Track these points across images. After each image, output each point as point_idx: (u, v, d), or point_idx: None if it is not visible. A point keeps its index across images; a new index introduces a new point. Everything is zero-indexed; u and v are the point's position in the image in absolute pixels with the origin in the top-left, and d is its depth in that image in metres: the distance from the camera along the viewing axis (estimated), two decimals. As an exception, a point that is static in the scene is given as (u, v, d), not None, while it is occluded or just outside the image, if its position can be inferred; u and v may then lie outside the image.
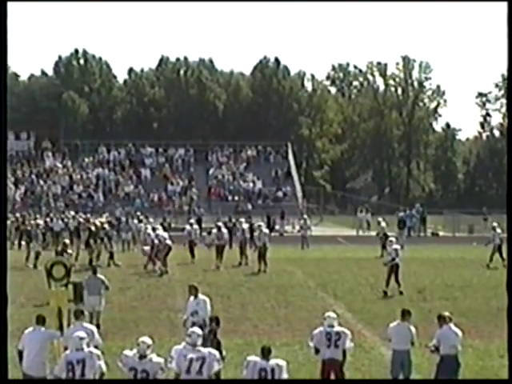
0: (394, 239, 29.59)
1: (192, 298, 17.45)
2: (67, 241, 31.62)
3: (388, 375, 14.95)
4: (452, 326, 14.42)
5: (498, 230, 37.91)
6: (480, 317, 23.36)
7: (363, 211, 61.21)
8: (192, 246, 37.40)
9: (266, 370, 11.90)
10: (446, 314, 14.79)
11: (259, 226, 36.93)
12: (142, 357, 12.29)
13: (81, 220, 46.01)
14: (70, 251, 29.51)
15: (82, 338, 12.63)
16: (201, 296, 17.57)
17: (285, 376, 12.05)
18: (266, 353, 12.16)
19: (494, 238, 37.31)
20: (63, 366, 12.43)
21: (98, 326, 21.04)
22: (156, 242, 33.68)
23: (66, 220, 48.04)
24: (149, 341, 12.50)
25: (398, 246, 28.35)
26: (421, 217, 58.00)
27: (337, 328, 14.42)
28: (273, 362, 12.04)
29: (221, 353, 13.27)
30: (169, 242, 33.77)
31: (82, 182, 65.28)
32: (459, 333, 14.40)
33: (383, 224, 42.81)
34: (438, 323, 14.55)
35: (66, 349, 14.04)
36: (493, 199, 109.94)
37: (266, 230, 36.38)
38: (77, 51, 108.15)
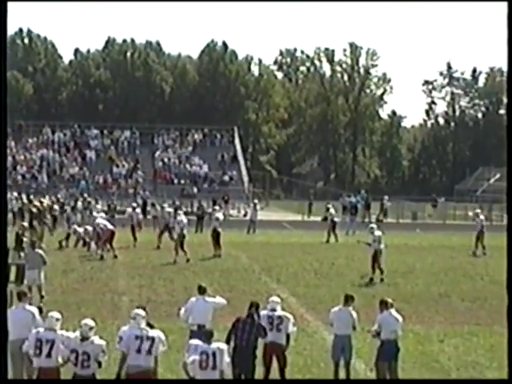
0: (374, 225, 29.46)
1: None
2: (25, 224, 31.03)
3: (330, 359, 15.07)
4: (393, 311, 14.56)
5: (481, 217, 38.29)
6: (421, 302, 23.63)
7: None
8: (134, 229, 37.22)
9: (207, 353, 11.95)
10: (389, 300, 14.93)
11: (214, 210, 37.20)
12: (84, 339, 12.28)
13: (25, 201, 45.65)
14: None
15: (57, 319, 12.65)
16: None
17: (226, 359, 12.10)
18: (207, 336, 12.20)
19: (476, 224, 37.69)
20: (32, 342, 12.45)
21: (41, 297, 21.12)
22: (98, 230, 33.11)
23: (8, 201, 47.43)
24: (91, 323, 12.47)
25: (379, 233, 28.41)
26: (365, 203, 58.41)
27: (279, 312, 14.48)
28: (214, 345, 12.08)
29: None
30: (110, 226, 33.44)
31: (26, 162, 64.54)
32: (400, 318, 14.56)
33: (332, 210, 43.05)
34: (379, 308, 14.69)
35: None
36: (436, 186, 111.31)
37: (220, 215, 35.95)
38: (21, 30, 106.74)
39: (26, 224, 30.76)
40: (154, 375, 12.41)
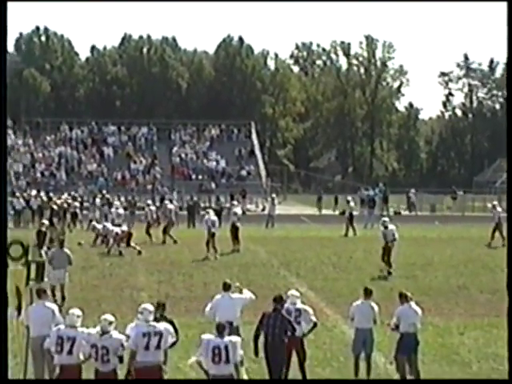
0: (387, 219, 29.45)
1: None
2: (46, 221, 31.14)
3: (349, 353, 15.06)
4: (412, 304, 14.53)
5: (499, 209, 38.15)
6: (440, 295, 23.56)
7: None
8: (149, 225, 37.37)
9: (219, 348, 11.94)
10: (407, 293, 14.91)
11: (232, 205, 37.24)
12: (104, 333, 12.35)
13: (44, 199, 45.96)
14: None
15: (78, 316, 12.71)
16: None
17: (239, 352, 12.10)
18: (220, 330, 12.19)
19: (494, 216, 37.58)
20: (54, 340, 12.49)
21: (63, 298, 21.13)
22: (118, 231, 33.06)
23: (27, 198, 47.67)
24: (111, 318, 12.53)
25: (393, 227, 28.41)
26: (384, 196, 58.28)
27: (298, 305, 14.49)
28: (226, 339, 12.08)
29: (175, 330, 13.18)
30: (125, 228, 33.51)
31: (44, 160, 64.75)
32: (419, 311, 14.53)
33: (352, 204, 43.02)
34: (399, 301, 14.66)
35: (27, 328, 13.98)
36: (455, 178, 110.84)
37: (238, 210, 36.03)
38: (38, 28, 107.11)
39: (46, 222, 30.90)
40: (165, 368, 12.42)
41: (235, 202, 40.54)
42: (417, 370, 14.31)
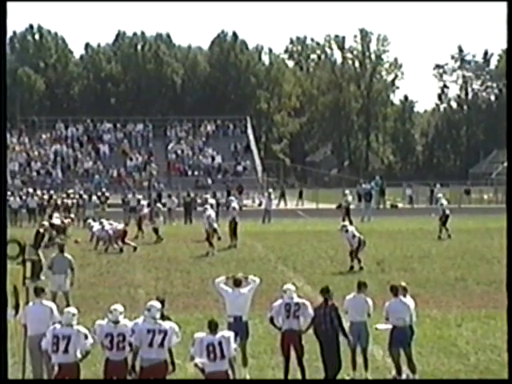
0: (346, 223, 29.40)
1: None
2: (46, 222, 31.05)
3: (346, 346, 15.07)
4: (402, 298, 14.52)
5: (443, 201, 38.36)
6: (437, 287, 23.58)
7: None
8: (140, 221, 37.46)
9: (213, 345, 11.97)
10: (403, 283, 14.92)
11: (230, 200, 37.11)
12: (116, 322, 12.52)
13: (45, 197, 46.24)
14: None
15: (73, 315, 12.71)
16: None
17: (233, 346, 12.13)
18: (213, 327, 12.20)
19: (439, 209, 37.80)
20: (49, 339, 12.51)
21: (68, 306, 20.60)
22: (111, 233, 33.00)
23: (24, 197, 47.67)
24: (121, 308, 12.76)
25: (353, 228, 28.41)
26: (380, 189, 58.29)
27: (296, 299, 14.50)
28: (219, 335, 12.10)
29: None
30: (120, 227, 33.49)
31: (40, 158, 64.72)
32: (411, 304, 14.51)
33: (349, 198, 43.01)
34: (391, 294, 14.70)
35: (24, 326, 13.98)
36: (451, 170, 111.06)
37: (236, 205, 36.08)
38: (32, 27, 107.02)
39: (46, 223, 30.89)
40: (169, 367, 12.44)
41: (232, 198, 40.54)
42: (412, 362, 14.31)
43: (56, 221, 34.41)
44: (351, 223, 40.72)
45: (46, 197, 47.43)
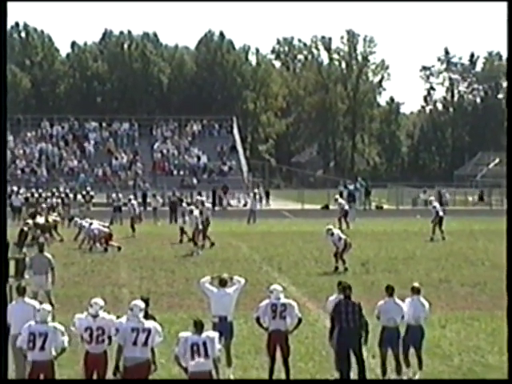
0: (331, 226, 29.20)
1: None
2: (30, 221, 30.91)
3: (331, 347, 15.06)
4: (397, 299, 14.57)
5: (435, 204, 38.46)
6: (422, 288, 23.59)
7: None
8: (132, 221, 37.52)
9: (197, 344, 11.96)
10: (416, 284, 15.11)
11: (202, 201, 36.71)
12: (95, 316, 12.51)
13: (35, 195, 46.31)
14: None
15: (48, 312, 12.69)
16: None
17: (217, 347, 12.12)
18: (198, 327, 12.19)
19: (432, 211, 37.83)
20: (25, 337, 12.43)
21: (52, 306, 20.47)
22: (96, 232, 32.85)
23: (9, 195, 47.44)
24: (101, 302, 12.75)
25: (338, 231, 28.39)
26: (365, 190, 58.36)
27: (283, 300, 14.49)
28: (204, 335, 12.09)
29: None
30: (106, 230, 33.30)
31: (25, 157, 64.51)
32: (403, 306, 14.55)
33: (342, 201, 43.17)
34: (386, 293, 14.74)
35: (6, 325, 13.90)
36: (436, 172, 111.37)
37: (209, 205, 36.16)
38: (17, 24, 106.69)
39: (30, 222, 30.74)
40: (151, 366, 12.43)
41: (204, 198, 40.77)
42: (399, 363, 14.35)
43: (40, 220, 34.29)
44: (348, 226, 40.74)
45: (29, 195, 47.26)
